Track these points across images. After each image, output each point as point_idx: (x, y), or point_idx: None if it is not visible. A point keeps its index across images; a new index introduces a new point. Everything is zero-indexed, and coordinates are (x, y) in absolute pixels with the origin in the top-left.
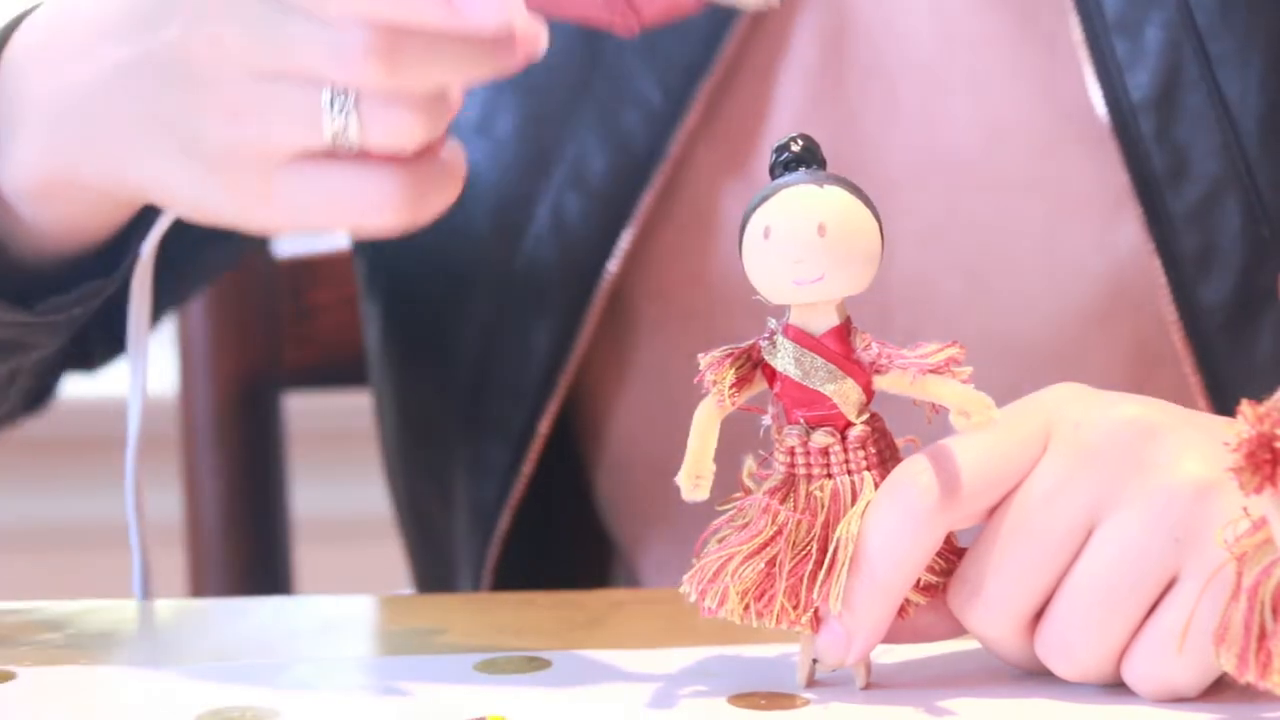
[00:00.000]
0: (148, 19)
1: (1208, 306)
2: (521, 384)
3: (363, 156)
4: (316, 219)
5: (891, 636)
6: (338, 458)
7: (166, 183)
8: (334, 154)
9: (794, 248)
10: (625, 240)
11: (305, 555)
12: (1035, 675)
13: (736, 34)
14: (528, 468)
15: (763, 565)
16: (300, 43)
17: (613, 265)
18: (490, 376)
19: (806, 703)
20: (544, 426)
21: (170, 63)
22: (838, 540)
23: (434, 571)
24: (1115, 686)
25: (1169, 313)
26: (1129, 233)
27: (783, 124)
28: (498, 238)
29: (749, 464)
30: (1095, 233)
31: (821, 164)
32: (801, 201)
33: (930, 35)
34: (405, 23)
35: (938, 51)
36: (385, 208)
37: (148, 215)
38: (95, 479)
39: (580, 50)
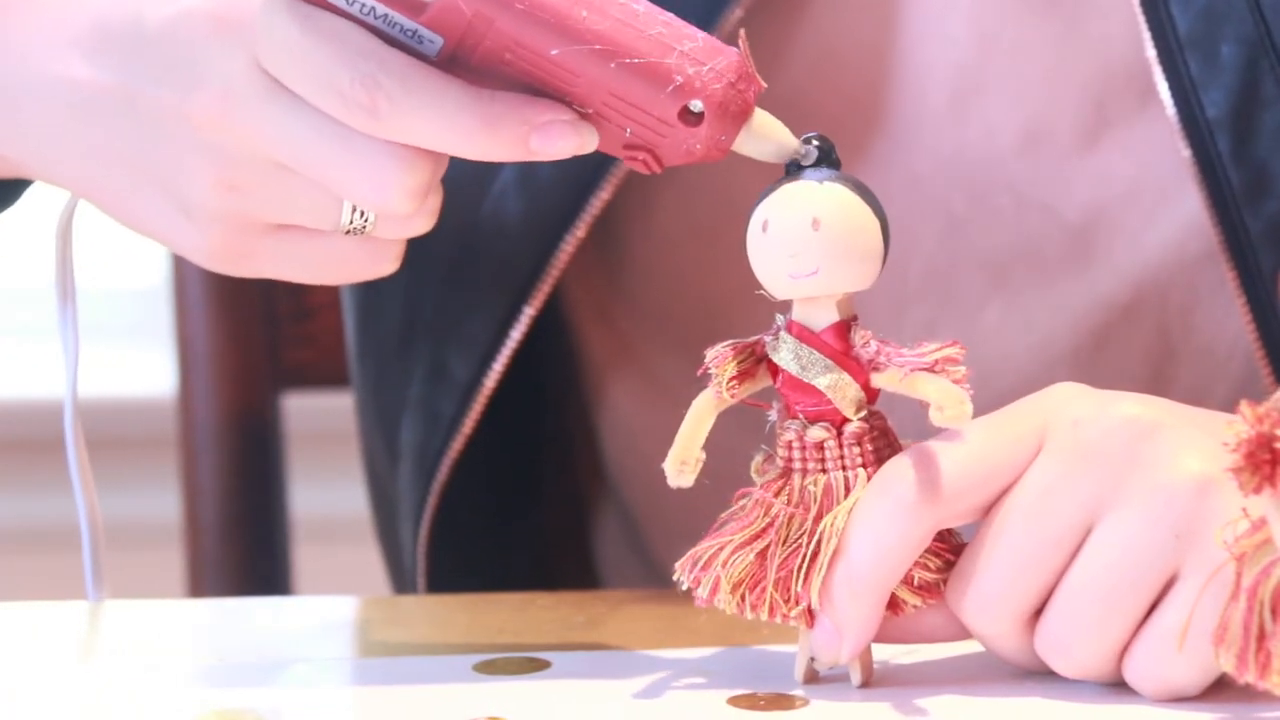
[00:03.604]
0: (139, 56)
1: None
2: (473, 335)
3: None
4: (304, 277)
5: (898, 637)
6: (337, 458)
7: (124, 211)
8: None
9: (788, 242)
10: (595, 204)
11: (304, 555)
12: (1035, 674)
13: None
14: (470, 421)
15: (753, 557)
16: (334, 163)
17: (579, 230)
18: (442, 326)
19: (806, 703)
20: (491, 380)
21: (163, 117)
22: (822, 534)
23: (385, 529)
24: (1116, 685)
25: (1249, 331)
26: (1162, 231)
27: (805, 107)
28: (465, 186)
29: (756, 459)
30: (1129, 231)
31: (835, 165)
32: (798, 197)
33: (969, 38)
34: (473, 157)
35: (975, 54)
36: (379, 268)
37: None
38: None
39: None
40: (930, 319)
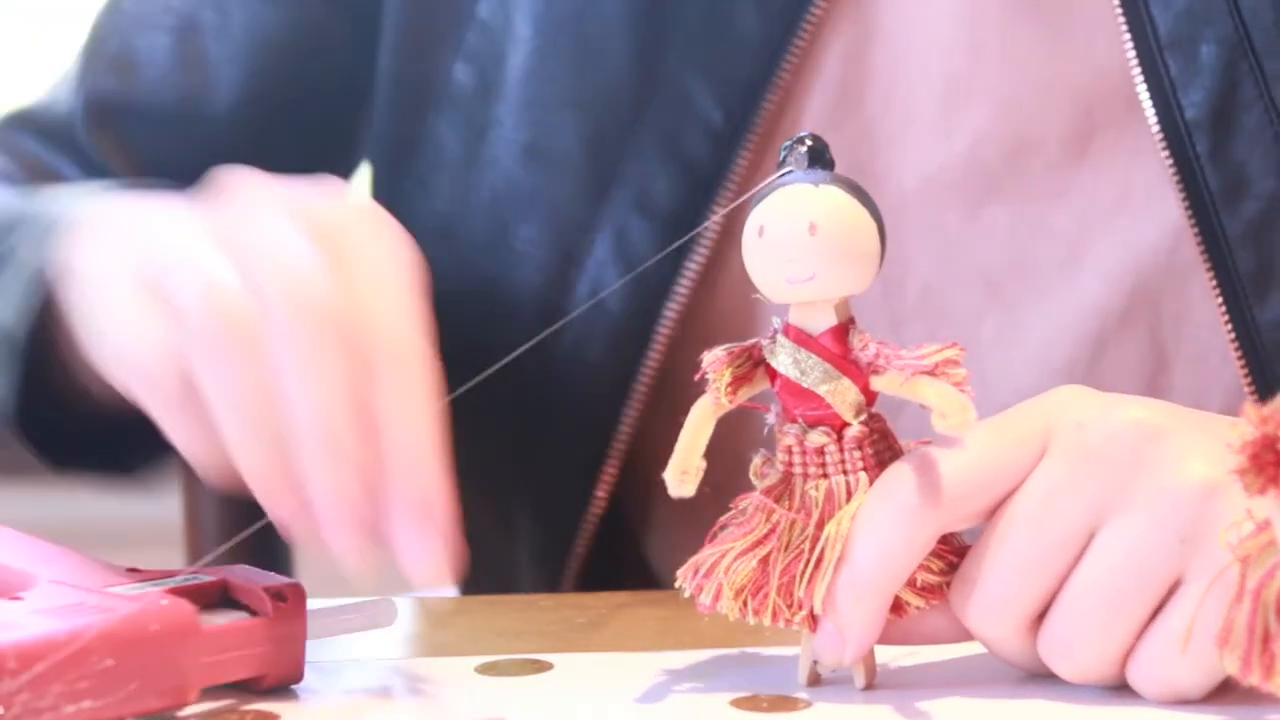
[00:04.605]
0: None
1: (1264, 325)
2: (586, 415)
3: None
4: None
5: (901, 639)
6: None
7: None
8: None
9: (785, 246)
10: (695, 263)
11: (305, 555)
12: (1038, 677)
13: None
14: (600, 500)
15: (755, 563)
16: None
17: (682, 289)
18: (549, 413)
19: (809, 704)
20: (615, 453)
21: None
22: (826, 539)
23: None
24: (1119, 688)
25: (1224, 332)
26: (1151, 233)
27: (791, 118)
28: (558, 265)
29: (755, 461)
30: (1119, 236)
31: (829, 164)
32: (794, 200)
33: (956, 46)
34: None
35: (963, 63)
36: None
37: None
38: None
39: (636, 67)
40: (929, 337)
